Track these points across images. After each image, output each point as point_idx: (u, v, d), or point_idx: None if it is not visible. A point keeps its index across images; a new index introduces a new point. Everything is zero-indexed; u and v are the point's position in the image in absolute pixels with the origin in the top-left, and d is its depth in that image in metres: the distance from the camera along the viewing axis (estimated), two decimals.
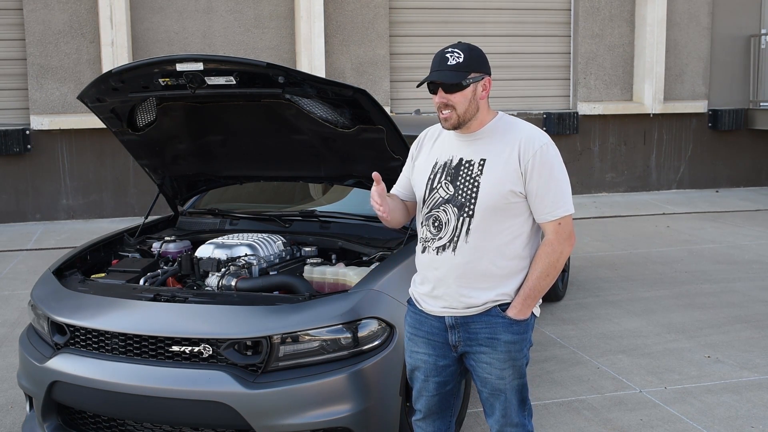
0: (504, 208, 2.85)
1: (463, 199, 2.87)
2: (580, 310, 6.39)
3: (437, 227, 2.92)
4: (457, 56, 2.84)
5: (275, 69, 3.72)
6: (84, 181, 10.56)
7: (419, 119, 6.21)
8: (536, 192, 2.85)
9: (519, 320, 2.91)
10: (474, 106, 2.87)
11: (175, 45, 10.67)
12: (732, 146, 12.91)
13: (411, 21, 11.70)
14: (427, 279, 2.99)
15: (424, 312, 3.02)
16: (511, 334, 2.91)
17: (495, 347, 2.91)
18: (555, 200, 2.86)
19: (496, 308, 2.91)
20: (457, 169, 2.91)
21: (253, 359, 3.41)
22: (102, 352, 3.58)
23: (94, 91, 4.15)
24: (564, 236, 2.88)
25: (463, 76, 2.83)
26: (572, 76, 12.34)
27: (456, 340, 2.96)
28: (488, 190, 2.84)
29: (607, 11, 12.21)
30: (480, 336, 2.92)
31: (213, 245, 4.20)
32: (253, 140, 4.48)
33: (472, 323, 2.92)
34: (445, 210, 2.90)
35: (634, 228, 9.91)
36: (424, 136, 3.13)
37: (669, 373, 5.06)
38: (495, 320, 2.90)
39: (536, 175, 2.83)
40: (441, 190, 2.92)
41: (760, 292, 6.89)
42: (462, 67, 2.83)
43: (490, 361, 2.93)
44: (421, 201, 3.00)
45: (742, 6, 12.71)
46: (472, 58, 2.86)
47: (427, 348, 3.02)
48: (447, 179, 2.92)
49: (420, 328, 3.04)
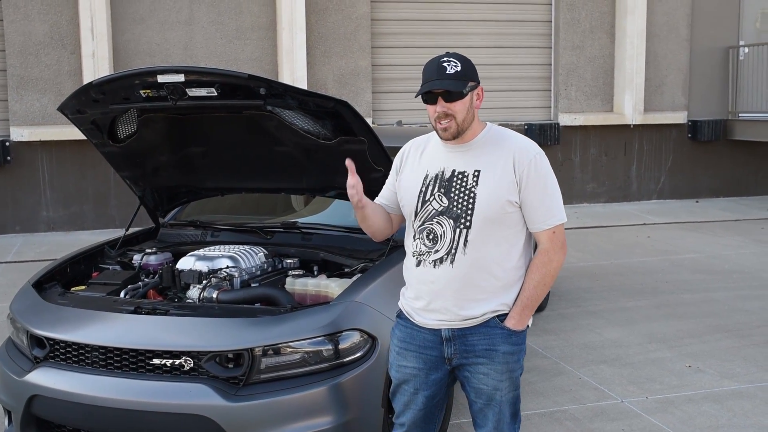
0: (500, 218, 2.84)
1: (459, 210, 2.84)
2: (562, 320, 6.40)
3: (432, 240, 2.89)
4: (454, 65, 2.84)
5: (257, 80, 3.72)
6: (64, 192, 10.50)
7: (401, 130, 6.23)
8: (531, 201, 2.85)
9: (517, 330, 2.90)
10: (471, 115, 2.88)
11: (157, 56, 10.64)
12: (712, 157, 13.02)
13: (393, 32, 11.73)
14: (423, 293, 2.94)
15: (417, 325, 2.98)
16: (510, 345, 2.90)
17: (493, 358, 2.90)
18: (549, 209, 2.87)
19: (494, 319, 2.89)
20: (450, 181, 2.89)
21: (234, 372, 3.39)
22: (82, 365, 3.55)
23: (74, 102, 4.13)
24: (558, 245, 2.90)
25: (463, 85, 2.83)
26: (553, 88, 12.41)
27: (452, 353, 2.93)
28: (485, 201, 2.82)
29: (588, 23, 12.29)
30: (478, 348, 2.90)
31: (194, 257, 4.19)
32: (235, 152, 4.47)
33: (470, 335, 2.90)
34: (440, 222, 2.87)
35: (615, 238, 9.96)
36: (409, 148, 3.10)
37: (650, 383, 5.08)
38: (493, 331, 2.89)
39: (531, 184, 2.84)
40: (434, 203, 2.90)
41: (740, 302, 6.93)
42: (461, 76, 2.83)
43: (487, 372, 2.91)
44: (413, 214, 2.95)
45: (721, 18, 12.84)
46: (468, 67, 2.87)
47: (418, 362, 2.98)
48: (440, 191, 2.89)
49: (411, 342, 2.99)
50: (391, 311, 3.64)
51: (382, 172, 4.00)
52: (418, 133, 3.09)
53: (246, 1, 10.93)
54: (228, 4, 10.87)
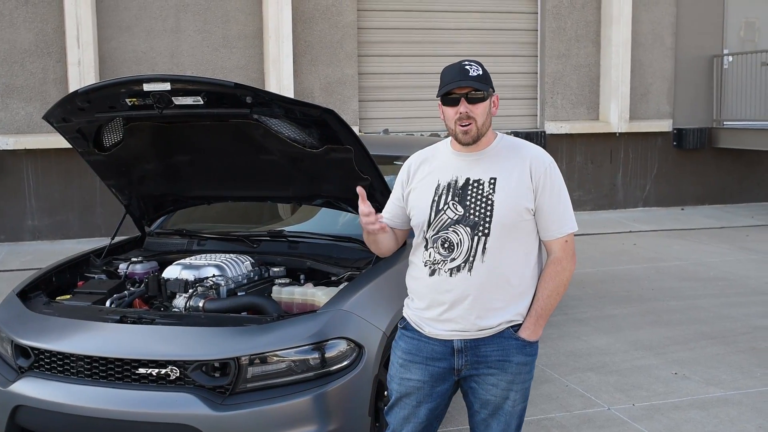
0: (517, 226, 2.85)
1: (477, 218, 2.83)
2: (548, 327, 6.41)
3: (448, 248, 2.86)
4: (476, 68, 2.85)
5: (243, 89, 3.72)
6: (50, 201, 10.45)
7: (387, 139, 6.23)
8: (546, 209, 2.87)
9: (532, 341, 2.90)
10: (489, 121, 2.90)
11: (143, 64, 10.62)
12: (697, 165, 13.09)
13: (379, 41, 11.75)
14: (436, 302, 2.90)
15: (426, 336, 2.94)
16: (524, 356, 2.89)
17: (505, 369, 2.88)
18: (563, 218, 2.90)
19: (509, 329, 2.88)
20: (465, 189, 2.88)
21: (220, 381, 3.38)
22: (67, 375, 3.53)
23: (60, 111, 4.12)
24: (570, 254, 2.93)
25: (486, 87, 2.85)
26: (539, 96, 12.46)
27: (462, 364, 2.90)
28: (504, 208, 2.82)
29: (573, 32, 12.35)
30: (490, 359, 2.88)
31: (180, 266, 4.18)
32: (221, 160, 4.47)
33: (483, 346, 2.88)
34: (456, 231, 2.85)
35: (601, 246, 9.99)
36: (414, 160, 3.07)
37: (637, 390, 5.09)
38: (508, 342, 2.87)
39: (547, 192, 2.87)
40: (449, 211, 2.87)
41: (726, 309, 6.96)
42: (483, 79, 2.85)
43: (496, 383, 2.89)
44: (425, 224, 2.91)
45: (705, 27, 12.93)
46: (487, 73, 2.89)
47: (424, 374, 2.94)
48: (455, 200, 2.88)
49: (418, 354, 2.95)
50: (377, 320, 3.66)
51: (369, 181, 4.01)
52: (405, 141, 3.10)
53: (233, 10, 10.93)
54: (214, 13, 10.86)
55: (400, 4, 11.78)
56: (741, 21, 13.22)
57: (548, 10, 12.19)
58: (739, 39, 13.24)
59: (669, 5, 12.69)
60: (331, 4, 11.24)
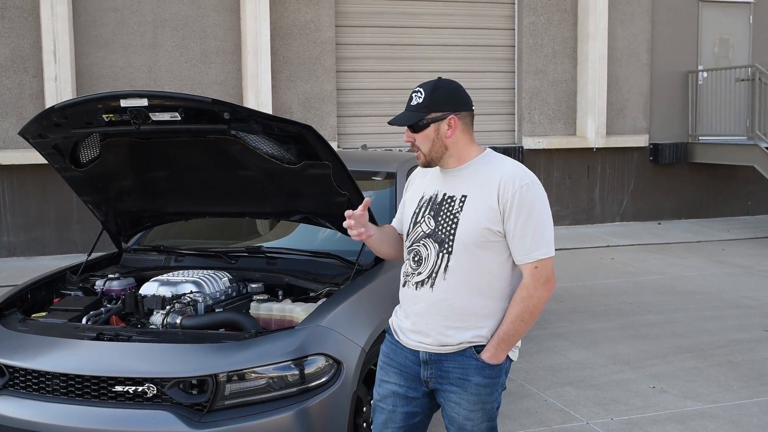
0: (483, 246, 2.80)
1: (443, 235, 2.84)
2: (527, 342, 6.42)
3: (417, 262, 2.90)
4: (418, 96, 2.86)
5: (221, 105, 3.71)
6: (26, 217, 10.37)
7: (366, 155, 6.24)
8: (513, 233, 2.79)
9: (492, 364, 2.85)
10: (440, 145, 2.87)
11: (120, 80, 10.58)
12: (673, 179, 13.20)
13: (358, 57, 11.78)
14: (407, 313, 2.95)
15: (400, 343, 2.98)
16: (483, 378, 2.85)
17: (465, 388, 2.86)
18: (533, 242, 2.79)
19: (470, 349, 2.86)
20: (440, 205, 2.89)
21: (198, 398, 3.36)
22: (43, 393, 3.49)
23: (35, 126, 4.09)
24: (541, 280, 2.81)
25: (419, 117, 2.84)
26: (517, 111, 12.53)
27: (428, 376, 2.91)
28: (466, 227, 2.80)
29: (550, 48, 12.45)
30: (452, 375, 2.87)
31: (158, 282, 4.15)
32: (199, 176, 4.45)
33: (446, 362, 2.88)
34: (426, 245, 2.87)
35: (579, 260, 10.04)
36: (416, 171, 3.14)
37: (615, 404, 5.11)
38: (468, 361, 2.85)
39: (514, 215, 2.78)
40: (423, 225, 2.90)
41: (703, 322, 7.01)
42: (422, 108, 2.84)
43: (459, 401, 2.88)
44: (406, 234, 2.99)
45: (680, 43, 13.08)
46: (434, 98, 2.85)
47: (399, 378, 2.97)
48: (430, 214, 2.90)
49: (394, 358, 2.99)
50: (356, 335, 3.65)
51: (347, 197, 4.01)
52: (383, 157, 3.10)
53: (211, 26, 10.93)
54: (192, 28, 10.86)
55: (378, 21, 11.83)
56: (715, 37, 13.39)
57: (525, 26, 12.29)
58: (714, 55, 13.40)
59: (644, 22, 12.83)
60: (310, 20, 11.27)
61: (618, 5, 12.61)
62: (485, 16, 12.31)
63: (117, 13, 10.58)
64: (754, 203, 13.70)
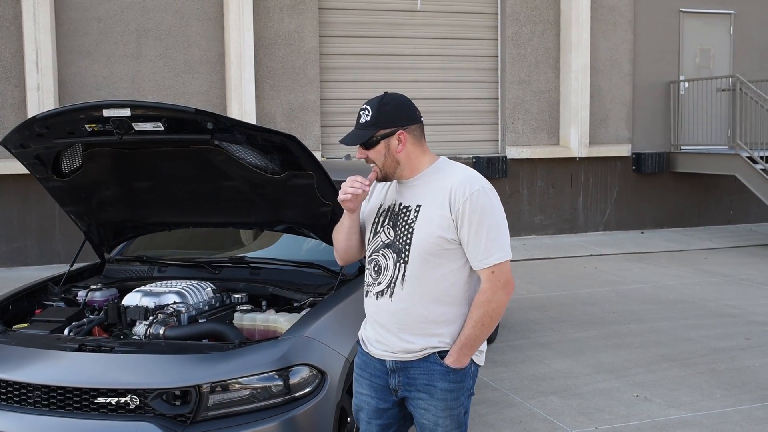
0: (437, 254, 2.83)
1: (401, 245, 2.86)
2: (511, 352, 6.43)
3: (377, 272, 2.92)
4: (366, 114, 2.87)
5: (204, 115, 3.70)
6: (7, 227, 10.30)
7: (350, 164, 6.24)
8: (468, 239, 2.81)
9: (456, 369, 2.87)
10: (391, 160, 2.89)
11: (103, 90, 10.55)
12: (656, 188, 13.28)
13: (341, 67, 11.80)
14: (371, 323, 2.98)
15: (369, 354, 2.99)
16: (448, 383, 2.87)
17: (432, 394, 2.88)
18: (487, 248, 2.81)
19: (434, 355, 2.87)
20: (398, 215, 2.92)
21: (181, 409, 3.34)
22: (24, 405, 3.46)
23: (17, 136, 4.07)
24: (499, 284, 2.83)
25: (368, 135, 2.85)
26: (500, 121, 12.57)
27: (396, 384, 2.93)
28: (421, 237, 2.83)
29: (533, 58, 12.51)
30: (418, 382, 2.89)
31: (140, 293, 4.13)
32: (182, 186, 4.44)
33: (411, 368, 2.90)
34: (385, 254, 2.90)
35: (562, 269, 10.07)
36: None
37: (599, 413, 5.12)
38: (433, 367, 2.87)
39: (467, 221, 2.80)
40: (383, 235, 2.92)
41: (686, 331, 7.04)
42: (370, 126, 2.86)
43: (427, 408, 2.90)
44: (366, 244, 3.01)
45: (661, 54, 13.18)
46: (381, 115, 2.85)
47: (370, 390, 2.99)
48: (389, 224, 2.92)
49: (365, 369, 3.01)
50: (340, 345, 3.65)
51: (331, 206, 4.01)
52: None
53: (194, 35, 10.92)
54: (176, 38, 10.84)
55: (361, 31, 11.86)
56: (696, 48, 13.50)
57: (508, 36, 12.34)
58: (695, 65, 13.51)
59: (626, 32, 12.92)
60: (293, 30, 11.28)
61: (600, 16, 12.70)
62: (468, 26, 12.36)
63: (100, 23, 10.55)
64: (735, 212, 13.80)
